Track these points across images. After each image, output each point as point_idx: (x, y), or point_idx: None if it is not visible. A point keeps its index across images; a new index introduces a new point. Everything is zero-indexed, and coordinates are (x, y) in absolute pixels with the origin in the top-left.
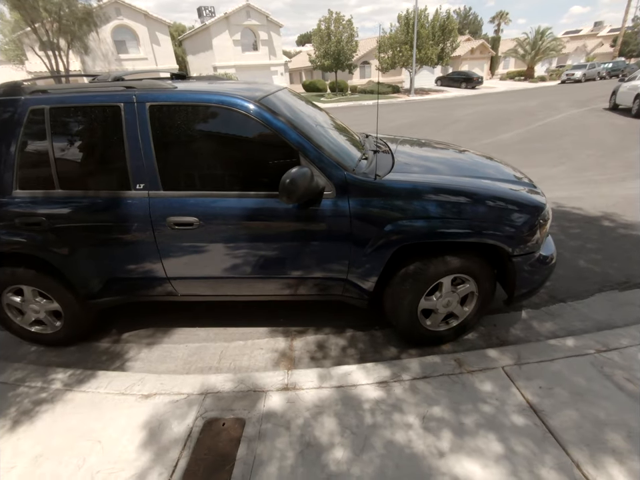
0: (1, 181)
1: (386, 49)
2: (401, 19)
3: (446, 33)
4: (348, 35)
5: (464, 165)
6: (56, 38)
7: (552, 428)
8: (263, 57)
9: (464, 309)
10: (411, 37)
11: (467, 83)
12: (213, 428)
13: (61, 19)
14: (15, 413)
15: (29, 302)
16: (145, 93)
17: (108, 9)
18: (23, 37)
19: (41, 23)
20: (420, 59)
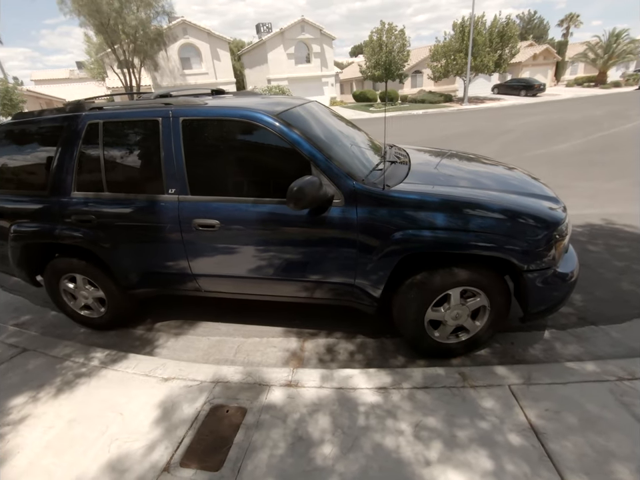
0: (64, 184)
1: (439, 57)
2: (456, 27)
3: (505, 39)
4: (400, 44)
5: (480, 176)
6: (131, 57)
7: (551, 451)
8: (314, 69)
9: (475, 323)
10: (466, 45)
11: (527, 90)
12: (218, 413)
13: (136, 40)
14: (60, 383)
15: (80, 289)
16: (179, 109)
17: (176, 29)
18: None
19: (120, 44)
20: (475, 66)
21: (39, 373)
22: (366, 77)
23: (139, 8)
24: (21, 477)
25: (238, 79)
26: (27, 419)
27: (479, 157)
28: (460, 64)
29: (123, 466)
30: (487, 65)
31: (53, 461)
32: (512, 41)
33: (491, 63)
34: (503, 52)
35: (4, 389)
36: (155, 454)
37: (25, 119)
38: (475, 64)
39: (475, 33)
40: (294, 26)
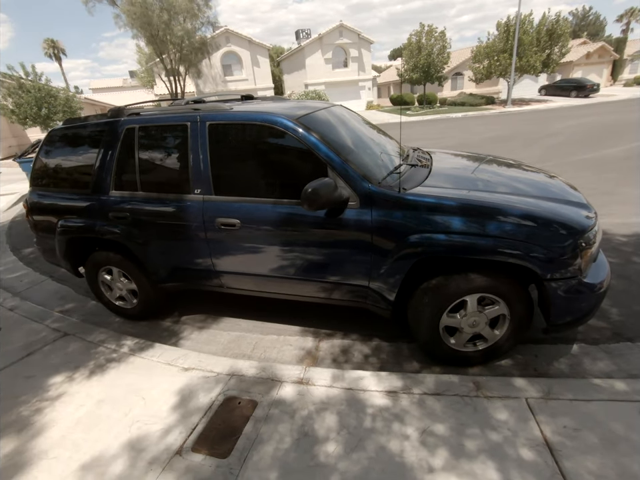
0: (104, 183)
1: (481, 58)
2: (500, 27)
3: (554, 37)
4: (440, 46)
5: (503, 180)
6: (177, 66)
7: (565, 470)
8: (351, 74)
9: (494, 332)
10: (511, 45)
11: (578, 91)
12: (230, 404)
13: (182, 50)
14: (93, 366)
15: (116, 281)
16: (207, 114)
17: (219, 38)
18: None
19: (167, 54)
20: (520, 67)
21: (76, 355)
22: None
23: (185, 19)
24: (53, 447)
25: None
26: (62, 396)
27: (503, 160)
28: (504, 65)
29: (141, 446)
30: (533, 66)
31: (81, 435)
32: (562, 39)
33: (537, 63)
34: (552, 51)
35: (46, 368)
36: (170, 437)
37: (73, 124)
38: (520, 64)
39: (520, 32)
40: (332, 31)
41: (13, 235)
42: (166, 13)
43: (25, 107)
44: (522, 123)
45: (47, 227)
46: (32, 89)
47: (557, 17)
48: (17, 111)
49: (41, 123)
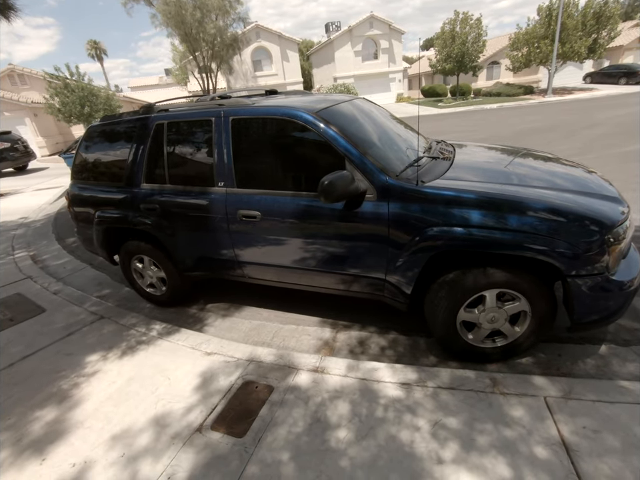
0: (136, 176)
1: (520, 45)
2: (542, 11)
3: (602, 20)
4: (475, 34)
5: (531, 172)
6: (209, 62)
7: (581, 471)
8: (382, 65)
9: (514, 329)
10: (553, 30)
11: (628, 77)
12: (248, 388)
13: (214, 47)
14: (125, 347)
15: (147, 269)
16: (230, 109)
17: (250, 33)
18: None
19: (200, 51)
20: (563, 53)
21: (110, 337)
22: (436, 71)
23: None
24: (88, 418)
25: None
26: (97, 373)
27: (531, 152)
28: (544, 52)
29: (165, 422)
30: (577, 52)
31: (112, 409)
32: (611, 22)
33: (582, 49)
34: (599, 35)
35: (84, 347)
36: (192, 415)
37: (109, 121)
38: (563, 51)
39: (564, 15)
40: (362, 23)
41: (58, 226)
42: (199, 11)
43: (70, 106)
44: (562, 113)
45: (86, 218)
46: (76, 88)
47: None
48: (62, 110)
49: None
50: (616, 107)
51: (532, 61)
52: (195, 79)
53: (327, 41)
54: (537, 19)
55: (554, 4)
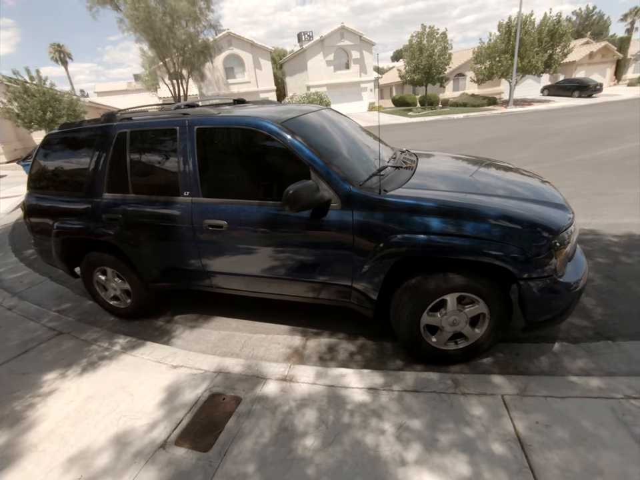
0: (97, 186)
1: (483, 59)
2: (502, 27)
3: (556, 38)
4: (441, 47)
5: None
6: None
7: (533, 464)
8: (353, 75)
9: (474, 331)
10: (512, 45)
11: (580, 91)
12: (215, 400)
13: (184, 53)
14: (85, 363)
15: (110, 281)
16: (195, 118)
17: (222, 41)
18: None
19: (170, 57)
20: (522, 67)
21: (69, 353)
22: (405, 82)
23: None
24: (42, 441)
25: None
26: (54, 392)
27: (489, 161)
28: (505, 65)
29: (126, 440)
30: (535, 66)
31: (69, 429)
32: (564, 39)
33: (539, 64)
34: (554, 51)
35: (40, 366)
36: (155, 432)
37: (68, 129)
38: (522, 65)
39: (522, 32)
40: (334, 33)
41: (16, 237)
42: (168, 17)
43: (30, 111)
44: (522, 124)
45: (43, 229)
46: (37, 93)
47: (557, 17)
48: (22, 115)
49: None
50: (570, 118)
51: (494, 74)
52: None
53: (299, 50)
54: (497, 35)
55: (513, 21)
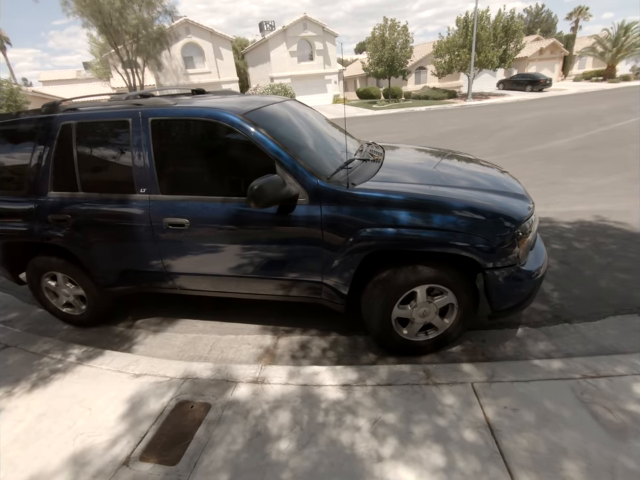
0: (40, 184)
1: (442, 53)
2: (460, 22)
3: (509, 33)
4: (403, 41)
5: (449, 173)
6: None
7: (503, 448)
8: (317, 67)
9: (444, 321)
10: (470, 40)
11: (532, 85)
12: (183, 409)
13: (138, 40)
14: (35, 378)
15: (61, 287)
16: (149, 109)
17: (179, 28)
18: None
19: (123, 44)
20: (479, 62)
21: (16, 368)
22: (369, 74)
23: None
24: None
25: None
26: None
27: (452, 153)
28: (464, 60)
29: (84, 459)
30: (491, 61)
31: (18, 453)
32: (517, 35)
33: (495, 58)
34: (508, 47)
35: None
36: (117, 448)
37: (4, 120)
38: (479, 59)
39: (478, 27)
40: (296, 23)
41: None
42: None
43: None
44: (481, 116)
45: None
46: None
47: (511, 13)
48: None
49: None
50: (524, 111)
51: (454, 68)
52: (119, 74)
53: (261, 40)
54: (456, 30)
55: (470, 16)
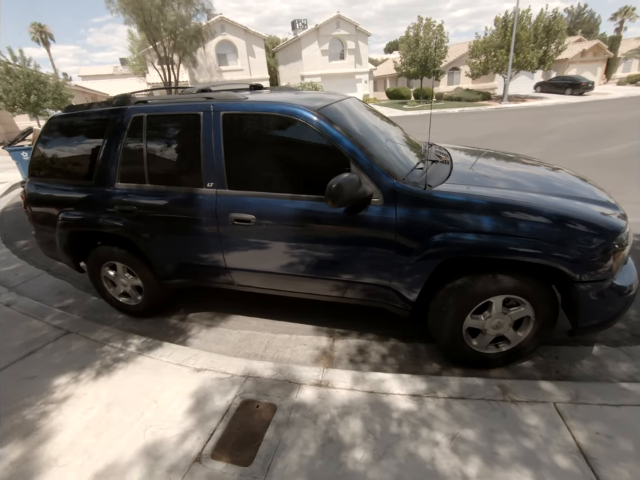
0: (108, 175)
1: (478, 53)
2: (498, 22)
3: (551, 34)
4: (437, 40)
5: (532, 178)
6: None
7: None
8: (348, 66)
9: (517, 334)
10: (508, 41)
11: (572, 88)
12: (248, 408)
13: (176, 37)
14: (99, 366)
15: (120, 276)
16: (221, 103)
17: (215, 26)
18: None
19: (161, 41)
20: (517, 63)
21: (80, 355)
22: (400, 74)
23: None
24: (63, 454)
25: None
26: (69, 398)
27: (522, 157)
28: (501, 60)
29: (158, 452)
30: (530, 62)
31: (92, 441)
32: (559, 36)
33: (534, 60)
34: (549, 48)
35: (49, 368)
36: (188, 443)
37: (75, 112)
38: (517, 60)
39: (518, 27)
40: (329, 22)
41: (5, 226)
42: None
43: (14, 94)
44: (519, 120)
45: (46, 220)
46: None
47: (554, 13)
48: (4, 98)
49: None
50: (566, 115)
51: (489, 69)
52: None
53: (294, 38)
54: (493, 29)
55: (509, 16)
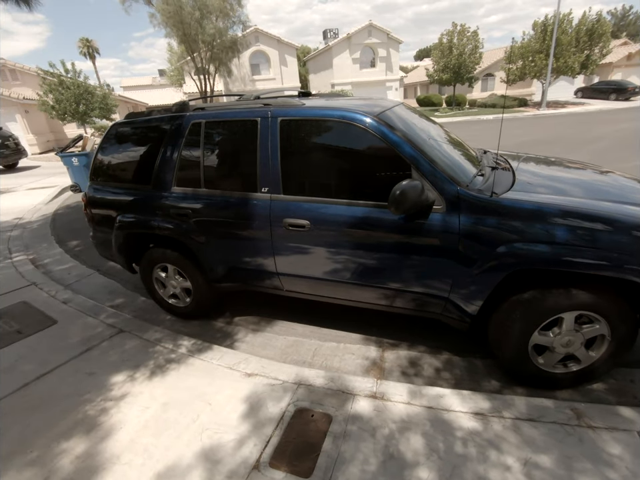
0: (165, 179)
1: (515, 59)
2: (537, 26)
3: (594, 37)
4: (472, 46)
5: (604, 187)
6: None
7: None
8: (379, 73)
9: (589, 354)
10: (548, 45)
11: (618, 93)
12: (303, 416)
13: (213, 48)
14: (152, 366)
15: (170, 278)
16: (278, 109)
17: (249, 37)
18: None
19: (198, 52)
20: (557, 68)
21: (134, 353)
22: (432, 81)
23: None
24: (124, 452)
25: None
26: (126, 396)
27: (585, 165)
28: (539, 66)
29: (216, 456)
30: (571, 67)
31: (151, 441)
32: (603, 39)
33: (576, 65)
34: (592, 52)
35: (106, 366)
36: (245, 449)
37: (135, 119)
38: (557, 65)
39: (559, 32)
40: (361, 30)
41: (57, 228)
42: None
43: (65, 103)
44: (560, 127)
45: (104, 221)
46: (71, 85)
47: (598, 16)
48: (56, 107)
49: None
50: (612, 122)
51: (527, 74)
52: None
53: (325, 47)
54: (531, 34)
55: (549, 19)
